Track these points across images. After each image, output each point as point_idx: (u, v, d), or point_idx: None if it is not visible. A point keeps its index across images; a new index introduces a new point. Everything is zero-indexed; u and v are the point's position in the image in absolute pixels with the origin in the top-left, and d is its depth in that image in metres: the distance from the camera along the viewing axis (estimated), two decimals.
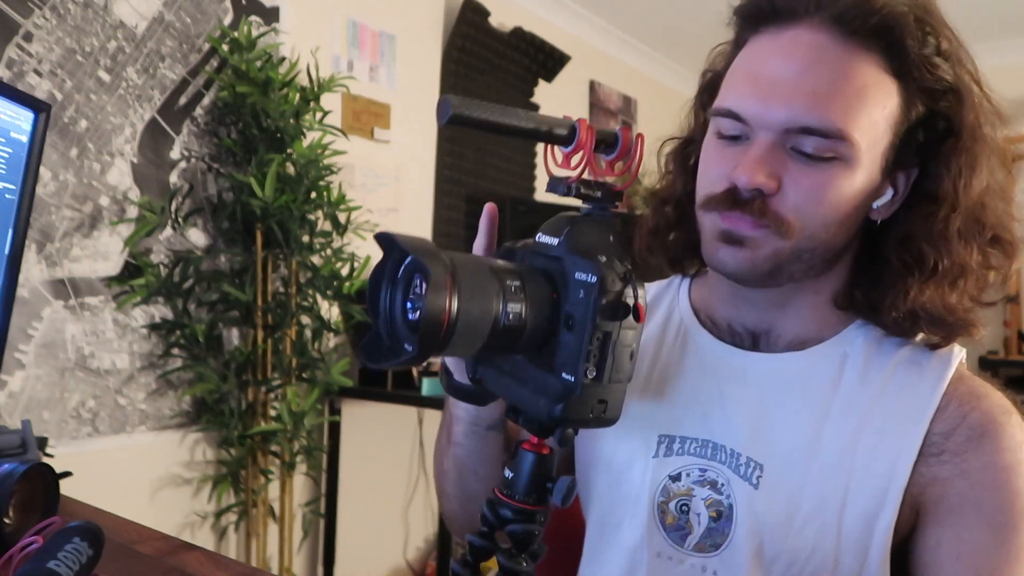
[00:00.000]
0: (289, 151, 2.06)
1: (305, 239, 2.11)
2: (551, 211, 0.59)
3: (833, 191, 0.66)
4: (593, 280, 0.52)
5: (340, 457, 2.44)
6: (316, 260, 2.14)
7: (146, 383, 2.01)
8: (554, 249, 0.56)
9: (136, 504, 2.00)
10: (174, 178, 2.04)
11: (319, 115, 2.13)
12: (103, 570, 0.67)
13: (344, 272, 2.17)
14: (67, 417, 1.84)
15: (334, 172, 2.15)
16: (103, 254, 1.91)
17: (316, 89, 2.11)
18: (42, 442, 1.02)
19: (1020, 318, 3.77)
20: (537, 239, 0.59)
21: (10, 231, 0.87)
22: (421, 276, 0.50)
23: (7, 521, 0.74)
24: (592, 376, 0.53)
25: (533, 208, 3.11)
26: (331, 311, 2.28)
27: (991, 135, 0.69)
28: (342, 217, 2.17)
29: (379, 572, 2.73)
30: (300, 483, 2.33)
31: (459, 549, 1.02)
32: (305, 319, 2.17)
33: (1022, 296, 3.76)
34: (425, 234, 2.86)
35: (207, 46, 2.09)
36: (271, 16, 2.26)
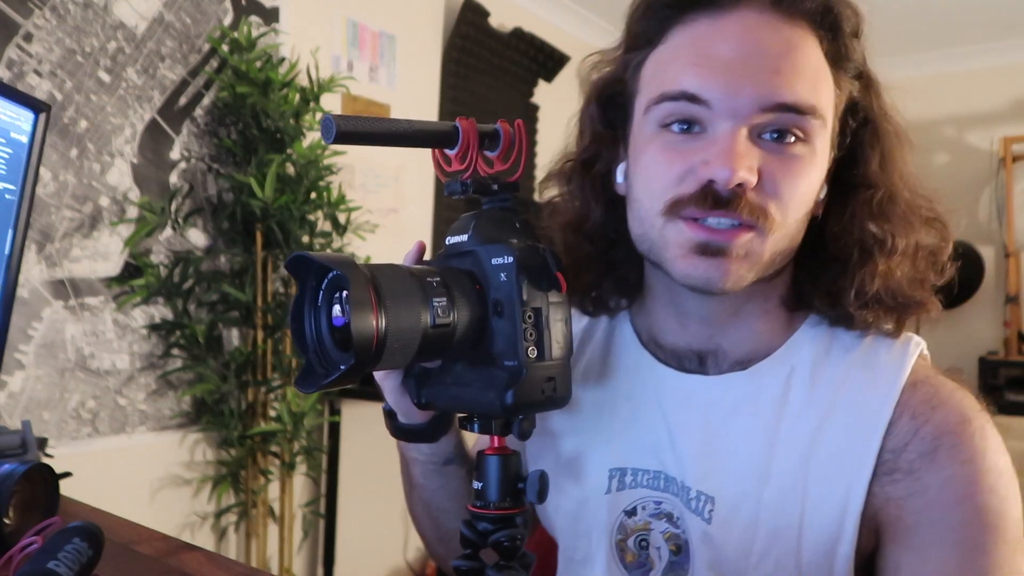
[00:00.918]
0: (289, 151, 2.06)
1: (305, 239, 2.10)
2: None
3: (804, 179, 0.62)
4: (510, 260, 0.53)
5: (340, 457, 2.44)
6: None
7: (146, 383, 2.00)
8: (466, 245, 0.57)
9: (136, 504, 1.99)
10: (174, 178, 2.04)
11: (319, 115, 2.13)
12: (103, 570, 0.67)
13: None
14: (67, 417, 1.84)
15: (334, 172, 2.15)
16: (103, 254, 1.90)
17: (316, 89, 2.11)
18: (42, 442, 1.02)
19: (1020, 318, 3.76)
20: (447, 242, 0.59)
21: (10, 231, 0.87)
22: (344, 289, 0.50)
23: (7, 521, 0.74)
24: (534, 356, 0.53)
25: (533, 208, 3.10)
26: None
27: (895, 118, 0.68)
28: (342, 218, 2.18)
29: (379, 572, 2.72)
30: (300, 483, 2.33)
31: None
32: None
33: (1022, 296, 3.76)
34: (425, 235, 2.86)
35: (207, 46, 2.09)
36: (271, 16, 2.26)
